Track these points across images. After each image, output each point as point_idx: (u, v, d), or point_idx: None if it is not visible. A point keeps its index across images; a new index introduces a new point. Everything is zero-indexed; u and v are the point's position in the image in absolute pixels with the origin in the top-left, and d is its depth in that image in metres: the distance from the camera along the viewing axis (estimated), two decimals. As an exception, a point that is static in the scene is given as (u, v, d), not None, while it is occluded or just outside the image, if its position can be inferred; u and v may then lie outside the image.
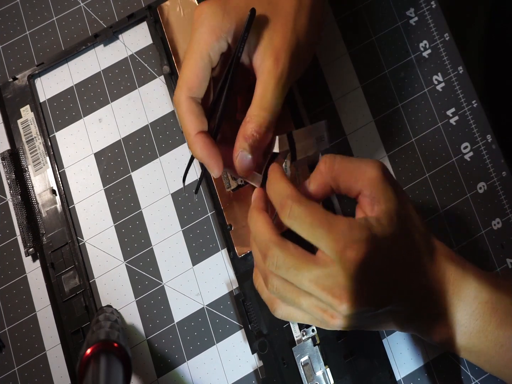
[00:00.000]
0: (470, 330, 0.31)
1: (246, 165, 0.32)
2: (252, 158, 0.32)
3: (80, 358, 0.33)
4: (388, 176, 0.31)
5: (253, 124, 0.31)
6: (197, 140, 0.32)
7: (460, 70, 0.43)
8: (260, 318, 0.38)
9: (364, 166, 0.30)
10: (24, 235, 0.41)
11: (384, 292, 0.29)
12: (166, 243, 0.41)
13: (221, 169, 0.32)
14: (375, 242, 0.28)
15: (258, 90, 0.32)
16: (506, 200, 0.41)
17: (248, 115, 0.32)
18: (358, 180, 0.30)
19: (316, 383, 0.37)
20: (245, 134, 0.32)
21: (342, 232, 0.28)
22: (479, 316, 0.31)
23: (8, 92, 0.43)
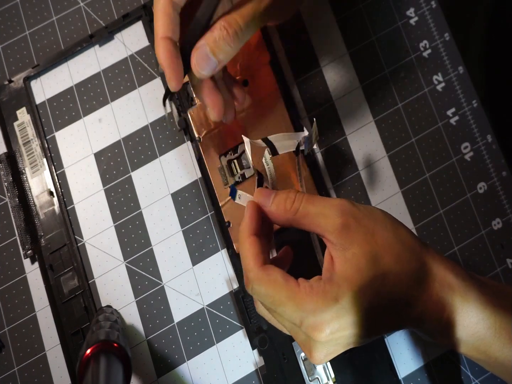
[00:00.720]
0: (470, 346, 0.30)
1: (204, 63, 0.30)
2: (211, 59, 0.30)
3: (80, 358, 0.33)
4: (355, 219, 0.29)
5: (224, 21, 0.30)
6: (162, 44, 0.31)
7: (460, 70, 0.43)
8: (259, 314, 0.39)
9: (327, 212, 0.29)
10: (22, 238, 0.41)
11: (362, 338, 0.29)
12: (166, 243, 0.41)
13: (179, 82, 0.31)
14: (344, 309, 0.27)
15: (237, 2, 0.31)
16: (506, 200, 0.41)
17: (221, 16, 0.30)
18: (321, 226, 0.29)
19: (316, 377, 0.37)
20: (214, 28, 0.30)
21: (306, 311, 0.27)
22: (481, 338, 0.30)
23: (4, 94, 0.43)
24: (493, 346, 0.30)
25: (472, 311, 0.29)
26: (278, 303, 0.28)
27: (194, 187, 0.41)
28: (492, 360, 0.30)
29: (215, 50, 0.30)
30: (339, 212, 0.29)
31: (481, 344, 0.30)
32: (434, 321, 0.29)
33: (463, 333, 0.30)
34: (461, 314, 0.29)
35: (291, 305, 0.28)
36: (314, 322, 0.27)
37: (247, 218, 0.31)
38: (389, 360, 0.38)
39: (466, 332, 0.29)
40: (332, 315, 0.27)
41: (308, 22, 0.43)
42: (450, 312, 0.29)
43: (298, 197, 0.30)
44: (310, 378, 0.37)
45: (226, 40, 0.30)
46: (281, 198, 0.31)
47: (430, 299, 0.29)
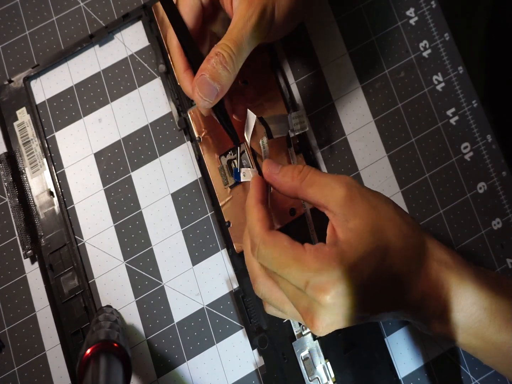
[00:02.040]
0: (467, 331, 0.31)
1: (205, 89, 0.32)
2: (212, 85, 0.32)
3: (80, 358, 0.33)
4: (359, 192, 0.30)
5: (218, 47, 0.32)
6: (185, 76, 0.35)
7: (460, 70, 0.43)
8: (259, 314, 0.39)
9: (333, 184, 0.30)
10: (22, 238, 0.41)
11: (363, 312, 0.29)
12: (166, 243, 0.41)
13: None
14: (348, 272, 0.28)
15: (229, 27, 0.33)
16: (506, 200, 0.41)
17: (216, 45, 0.33)
18: (326, 196, 0.30)
19: (316, 377, 0.37)
20: (210, 55, 0.32)
21: (312, 271, 0.28)
22: (477, 321, 0.30)
23: (4, 94, 0.43)
24: (490, 328, 0.30)
25: (468, 291, 0.30)
26: (284, 265, 0.28)
27: (194, 187, 0.41)
28: (489, 346, 0.30)
29: (215, 76, 0.32)
30: (344, 184, 0.30)
31: (478, 328, 0.30)
32: (433, 300, 0.30)
33: (460, 316, 0.30)
34: (457, 295, 0.30)
35: (297, 265, 0.28)
36: (320, 282, 0.27)
37: (254, 187, 0.33)
38: (389, 360, 0.38)
39: (463, 314, 0.30)
40: (338, 276, 0.27)
41: (308, 22, 0.43)
42: (447, 291, 0.30)
43: (306, 168, 0.32)
44: (310, 378, 0.37)
45: (222, 65, 0.32)
46: (289, 167, 0.33)
47: (429, 277, 0.30)
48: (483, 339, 0.30)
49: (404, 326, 0.39)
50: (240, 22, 0.32)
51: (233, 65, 0.32)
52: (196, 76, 0.32)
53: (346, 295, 0.28)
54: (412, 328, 0.39)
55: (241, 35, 0.32)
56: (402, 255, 0.30)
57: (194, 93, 0.33)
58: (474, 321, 0.30)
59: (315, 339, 0.38)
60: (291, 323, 0.38)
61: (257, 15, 0.33)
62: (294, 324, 0.38)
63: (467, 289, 0.30)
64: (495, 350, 0.31)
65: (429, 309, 0.30)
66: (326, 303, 0.28)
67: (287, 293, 0.30)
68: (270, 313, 0.34)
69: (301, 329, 0.38)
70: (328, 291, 0.27)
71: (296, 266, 0.28)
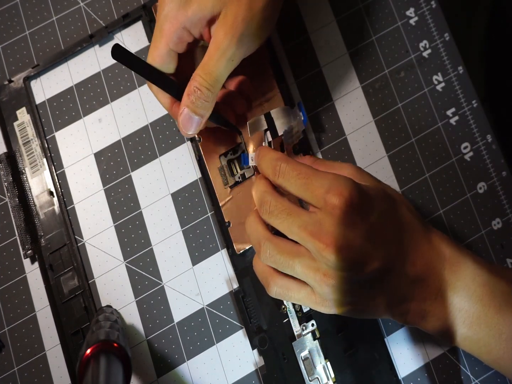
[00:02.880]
0: (469, 315, 0.31)
1: (189, 124, 0.34)
2: (195, 118, 0.34)
3: (80, 358, 0.33)
4: (365, 172, 0.34)
5: (195, 82, 0.33)
6: (174, 111, 0.36)
7: (460, 70, 0.43)
8: (259, 314, 0.39)
9: (342, 164, 0.34)
10: (22, 238, 0.41)
11: (371, 245, 0.30)
12: (166, 243, 0.41)
13: None
14: (361, 193, 0.30)
15: (204, 58, 0.33)
16: (506, 200, 0.41)
17: (192, 76, 0.33)
18: (337, 172, 0.32)
19: (316, 377, 0.37)
20: (188, 90, 0.33)
21: (327, 179, 0.30)
22: (478, 299, 0.31)
23: (4, 94, 0.43)
24: (490, 309, 0.31)
25: (468, 267, 0.31)
26: (306, 176, 0.31)
27: (194, 187, 0.41)
28: (491, 333, 0.31)
29: (196, 110, 0.33)
30: (351, 165, 0.34)
31: (480, 310, 0.31)
32: (433, 275, 0.31)
33: (462, 295, 0.31)
34: (458, 271, 0.31)
35: (318, 175, 0.31)
36: (344, 182, 0.30)
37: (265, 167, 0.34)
38: (389, 360, 0.38)
39: (465, 293, 0.31)
40: (352, 190, 0.30)
41: (308, 22, 0.43)
42: (449, 266, 0.31)
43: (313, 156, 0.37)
44: (310, 378, 0.37)
45: (202, 99, 0.33)
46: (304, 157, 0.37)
47: (431, 249, 0.32)
48: (486, 323, 0.31)
49: (404, 326, 0.39)
50: (215, 54, 0.32)
51: (212, 95, 0.33)
52: (179, 113, 0.34)
53: (357, 207, 0.30)
54: (412, 328, 0.39)
55: (216, 67, 0.33)
56: (411, 222, 0.32)
57: (181, 130, 0.34)
58: (475, 301, 0.31)
59: (315, 339, 0.38)
60: (291, 323, 0.38)
61: (233, 46, 0.32)
62: (294, 324, 0.38)
63: (466, 263, 0.31)
64: (497, 337, 0.31)
65: (431, 284, 0.31)
66: (341, 208, 0.29)
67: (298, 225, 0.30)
68: (275, 293, 0.33)
69: (301, 329, 0.38)
70: (344, 195, 0.29)
71: (318, 175, 0.31)
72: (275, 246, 0.32)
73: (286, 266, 0.31)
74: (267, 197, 0.32)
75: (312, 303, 0.32)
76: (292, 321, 0.38)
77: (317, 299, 0.32)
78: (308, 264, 0.30)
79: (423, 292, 0.31)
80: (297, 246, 0.31)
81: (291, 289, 0.33)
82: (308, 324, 0.38)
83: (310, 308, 0.38)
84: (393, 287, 0.31)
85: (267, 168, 0.33)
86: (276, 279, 0.33)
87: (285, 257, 0.31)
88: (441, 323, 0.31)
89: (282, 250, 0.31)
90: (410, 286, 0.31)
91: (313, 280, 0.30)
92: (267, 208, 0.32)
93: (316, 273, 0.30)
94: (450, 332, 0.32)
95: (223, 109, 0.38)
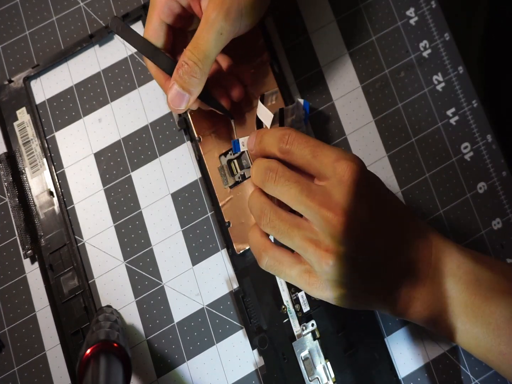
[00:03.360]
0: (457, 303, 0.31)
1: (177, 100, 0.34)
2: (183, 94, 0.33)
3: (80, 358, 0.33)
4: None
5: (184, 56, 0.33)
6: (166, 87, 0.35)
7: (460, 70, 0.43)
8: (259, 314, 0.39)
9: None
10: (22, 238, 0.41)
11: (374, 223, 0.30)
12: (166, 243, 0.41)
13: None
14: (366, 168, 0.31)
15: (196, 33, 0.33)
16: (506, 200, 0.41)
17: (183, 52, 0.33)
18: None
19: (316, 377, 0.37)
20: (178, 65, 0.33)
21: (335, 150, 0.31)
22: (465, 287, 0.31)
23: (4, 94, 0.43)
24: (477, 297, 0.31)
25: (453, 253, 0.32)
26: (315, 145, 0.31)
27: (194, 187, 0.41)
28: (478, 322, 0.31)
29: (184, 85, 0.33)
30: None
31: (467, 298, 0.31)
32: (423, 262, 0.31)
33: (450, 282, 0.31)
34: (445, 256, 0.32)
35: (326, 146, 0.31)
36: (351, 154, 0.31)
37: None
38: (389, 360, 0.38)
39: (452, 279, 0.31)
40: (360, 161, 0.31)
41: (308, 22, 0.43)
42: (436, 251, 0.32)
43: None
44: (310, 378, 0.37)
45: (190, 73, 0.33)
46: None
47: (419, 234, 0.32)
48: (473, 312, 0.31)
49: (404, 326, 0.39)
50: (204, 27, 0.33)
51: (200, 71, 0.33)
52: (169, 87, 0.34)
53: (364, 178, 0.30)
54: (412, 328, 0.39)
55: (205, 41, 0.33)
56: (400, 209, 0.33)
57: (169, 105, 0.34)
58: (461, 289, 0.31)
59: (315, 339, 0.38)
60: (291, 323, 0.38)
61: (221, 18, 0.32)
62: (294, 324, 0.38)
63: (452, 250, 0.32)
64: (484, 327, 0.31)
65: (421, 268, 0.31)
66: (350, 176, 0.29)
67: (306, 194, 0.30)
68: (266, 265, 0.33)
69: (301, 329, 0.38)
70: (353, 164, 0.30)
71: (326, 146, 0.31)
72: (276, 213, 0.31)
73: (285, 235, 0.31)
74: (272, 165, 0.32)
75: (304, 283, 0.31)
76: (292, 321, 0.38)
77: (310, 279, 0.31)
78: (310, 237, 0.30)
79: (414, 278, 0.31)
80: (299, 219, 0.31)
81: (283, 263, 0.32)
82: (308, 324, 0.38)
83: (310, 308, 0.38)
84: (389, 272, 0.31)
85: (273, 139, 0.32)
86: (268, 249, 0.32)
87: (285, 224, 0.31)
88: (430, 311, 0.31)
89: (284, 218, 0.31)
90: (402, 271, 0.31)
91: (312, 255, 0.30)
92: (273, 176, 0.31)
93: (317, 248, 0.30)
94: (440, 322, 0.32)
95: (219, 93, 0.38)
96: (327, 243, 0.29)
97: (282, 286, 0.39)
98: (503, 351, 0.30)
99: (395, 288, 0.31)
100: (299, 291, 0.39)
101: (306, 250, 0.30)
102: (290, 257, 0.32)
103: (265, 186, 0.32)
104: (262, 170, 0.32)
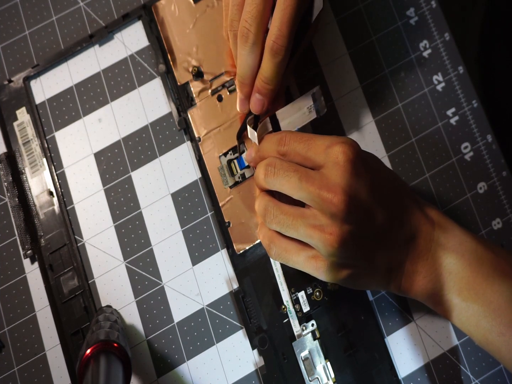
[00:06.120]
0: (459, 279, 0.31)
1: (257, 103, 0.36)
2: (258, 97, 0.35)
3: (80, 358, 0.33)
4: None
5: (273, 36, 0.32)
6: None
7: (460, 70, 0.43)
8: (259, 314, 0.39)
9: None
10: (22, 238, 0.41)
11: (374, 199, 0.31)
12: (166, 243, 0.41)
13: None
14: (360, 148, 0.32)
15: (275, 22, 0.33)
16: (506, 200, 0.41)
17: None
18: None
19: (316, 377, 0.37)
20: (269, 45, 0.33)
21: (328, 138, 0.32)
22: (467, 264, 0.31)
23: (4, 94, 0.43)
24: (479, 276, 0.31)
25: (455, 230, 0.33)
26: (308, 139, 0.32)
27: (194, 187, 0.41)
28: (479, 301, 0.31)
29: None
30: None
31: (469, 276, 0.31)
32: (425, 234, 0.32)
33: (451, 258, 0.32)
34: (447, 231, 0.32)
35: (320, 136, 0.32)
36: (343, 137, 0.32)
37: None
38: (389, 360, 0.38)
39: (453, 255, 0.32)
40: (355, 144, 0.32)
41: (308, 22, 0.43)
42: (438, 226, 0.33)
43: None
44: (310, 378, 0.37)
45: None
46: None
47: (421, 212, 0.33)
48: (475, 290, 0.31)
49: (404, 326, 0.39)
50: (286, 14, 0.32)
51: (284, 54, 0.33)
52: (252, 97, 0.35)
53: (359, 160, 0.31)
54: (412, 328, 0.39)
55: (288, 25, 0.32)
56: (400, 179, 0.34)
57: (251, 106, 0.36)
58: (463, 265, 0.31)
59: (315, 339, 0.38)
60: (291, 323, 0.38)
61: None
62: (294, 324, 0.38)
63: (454, 228, 0.33)
64: (485, 306, 0.31)
65: (421, 246, 0.32)
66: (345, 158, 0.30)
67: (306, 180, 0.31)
68: (275, 255, 0.34)
69: (301, 329, 0.38)
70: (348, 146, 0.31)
71: (319, 136, 0.32)
72: (279, 208, 0.32)
73: (289, 227, 0.32)
74: (270, 161, 0.33)
75: (312, 268, 0.32)
76: (292, 321, 0.38)
77: (317, 263, 0.32)
78: (313, 224, 0.31)
79: (416, 252, 0.32)
80: (302, 209, 0.32)
81: (290, 251, 0.33)
82: (308, 324, 0.38)
83: (310, 308, 0.38)
84: (392, 247, 0.32)
85: (271, 144, 0.34)
86: (275, 240, 0.34)
87: (288, 216, 0.32)
88: (432, 286, 0.32)
89: (286, 211, 0.32)
90: (404, 246, 0.32)
91: (318, 240, 0.31)
92: (272, 170, 0.32)
93: (322, 233, 0.30)
94: (440, 297, 0.32)
95: None
96: (331, 226, 0.30)
97: (282, 286, 0.39)
98: (503, 331, 0.31)
99: (399, 263, 0.32)
100: (299, 291, 0.39)
101: (312, 237, 0.31)
102: (296, 245, 0.33)
103: (267, 182, 0.33)
104: (263, 168, 0.33)
